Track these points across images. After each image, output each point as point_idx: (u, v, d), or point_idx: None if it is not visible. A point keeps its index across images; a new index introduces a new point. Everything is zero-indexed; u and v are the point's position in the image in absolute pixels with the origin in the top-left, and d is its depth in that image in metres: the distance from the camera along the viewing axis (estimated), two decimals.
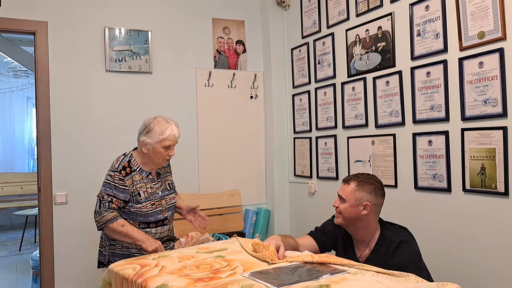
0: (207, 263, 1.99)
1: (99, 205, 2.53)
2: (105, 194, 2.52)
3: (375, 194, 2.19)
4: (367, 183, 2.20)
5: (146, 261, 2.11)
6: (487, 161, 2.40)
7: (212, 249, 2.26)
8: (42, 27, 3.43)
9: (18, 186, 8.09)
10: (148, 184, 2.60)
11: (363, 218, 2.18)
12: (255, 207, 4.20)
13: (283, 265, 1.91)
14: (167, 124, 2.56)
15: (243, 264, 1.94)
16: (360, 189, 2.18)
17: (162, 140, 2.53)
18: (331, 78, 3.60)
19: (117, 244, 2.60)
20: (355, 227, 2.22)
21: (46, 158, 3.43)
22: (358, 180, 2.21)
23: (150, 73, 3.79)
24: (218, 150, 4.09)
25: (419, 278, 1.69)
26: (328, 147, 3.65)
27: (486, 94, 2.40)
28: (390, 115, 3.04)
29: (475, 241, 2.50)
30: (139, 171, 2.58)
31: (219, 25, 4.12)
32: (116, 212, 2.50)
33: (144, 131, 2.56)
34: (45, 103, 3.44)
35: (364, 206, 2.17)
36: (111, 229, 2.50)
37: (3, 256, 6.23)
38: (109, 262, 2.60)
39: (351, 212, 2.18)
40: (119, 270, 2.05)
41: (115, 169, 2.54)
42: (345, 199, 2.21)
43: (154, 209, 2.59)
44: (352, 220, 2.20)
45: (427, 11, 2.75)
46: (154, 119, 2.59)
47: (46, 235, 3.42)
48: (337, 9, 3.52)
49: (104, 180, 2.56)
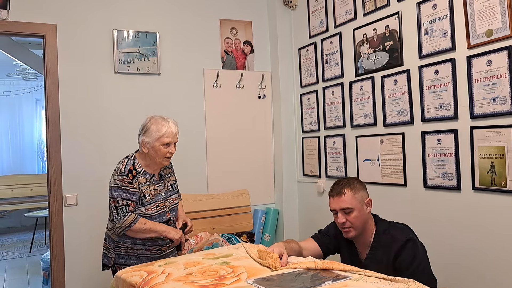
0: (212, 270, 2.02)
1: (116, 211, 2.50)
2: (119, 199, 2.51)
3: (365, 188, 2.23)
4: (354, 183, 2.21)
5: (152, 268, 2.14)
6: (497, 159, 2.39)
7: (218, 255, 2.29)
8: (51, 30, 3.46)
9: (28, 188, 8.16)
10: (152, 186, 2.61)
11: (368, 216, 2.20)
12: (264, 207, 4.21)
13: (286, 272, 1.94)
14: (163, 121, 2.58)
15: (248, 271, 1.97)
16: (356, 191, 2.18)
17: (160, 138, 2.54)
18: (339, 78, 3.60)
19: (122, 245, 2.61)
20: (365, 230, 2.20)
21: (56, 160, 3.45)
22: (347, 185, 2.19)
23: (158, 74, 3.81)
24: (227, 150, 4.10)
25: (420, 284, 1.70)
26: (337, 146, 3.65)
27: (494, 92, 2.40)
28: (399, 114, 3.04)
29: (485, 239, 2.49)
30: (143, 174, 2.59)
31: (226, 26, 4.14)
32: (134, 214, 2.51)
33: (142, 131, 2.59)
34: (55, 105, 3.47)
35: (367, 203, 2.19)
36: (134, 231, 2.51)
37: (14, 257, 6.28)
38: (114, 264, 2.62)
39: (362, 217, 2.17)
40: (126, 277, 2.08)
41: (122, 172, 2.54)
42: (351, 208, 2.15)
43: (158, 211, 2.61)
44: (363, 226, 2.18)
45: (434, 9, 2.74)
46: (151, 118, 2.61)
47: (57, 236, 3.45)
48: (344, 8, 3.52)
49: (111, 185, 2.56)
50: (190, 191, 3.74)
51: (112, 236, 2.63)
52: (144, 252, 2.62)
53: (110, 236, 2.66)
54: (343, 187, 2.18)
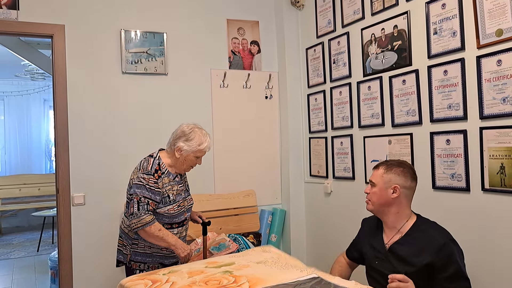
0: (215, 279, 2.04)
1: (137, 206, 2.53)
2: (141, 196, 2.54)
3: (404, 176, 2.16)
4: (395, 166, 2.19)
5: (157, 277, 2.16)
6: (507, 160, 2.37)
7: (220, 263, 2.32)
8: (60, 30, 3.47)
9: (35, 187, 8.21)
10: (175, 186, 2.67)
11: (393, 202, 2.16)
12: (270, 208, 4.20)
13: (286, 282, 1.95)
14: (205, 137, 2.69)
15: (249, 280, 1.99)
16: (388, 172, 2.18)
17: (198, 151, 2.66)
18: (347, 78, 3.59)
19: (139, 243, 2.64)
20: (386, 212, 2.20)
21: (64, 159, 3.47)
22: (387, 164, 2.22)
23: (165, 74, 3.81)
24: (233, 151, 4.10)
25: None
26: (344, 146, 3.63)
27: (504, 92, 2.37)
28: (407, 114, 3.02)
29: (494, 241, 2.47)
30: (167, 174, 2.64)
31: (233, 26, 4.13)
32: (153, 215, 2.54)
33: (183, 138, 2.65)
34: (63, 105, 3.48)
35: (394, 188, 2.15)
36: (148, 232, 2.53)
37: (22, 256, 6.32)
38: (130, 261, 2.66)
39: (380, 196, 2.18)
40: (130, 286, 2.10)
41: (148, 172, 2.58)
42: (375, 183, 2.20)
43: (179, 211, 2.67)
44: (382, 205, 2.19)
45: (443, 9, 2.73)
46: (193, 128, 2.70)
47: (65, 236, 3.46)
48: (352, 8, 3.50)
49: (135, 182, 2.58)
50: (197, 191, 3.73)
51: (129, 233, 2.66)
52: (160, 251, 2.67)
53: (127, 234, 2.68)
54: (382, 164, 2.23)
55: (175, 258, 2.74)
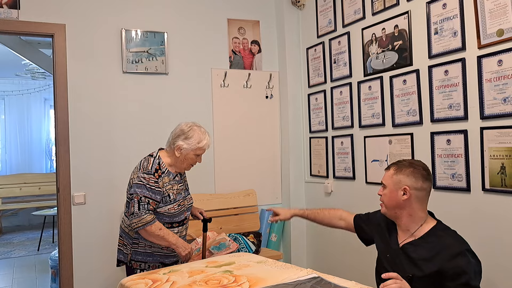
0: (215, 279, 2.05)
1: (137, 206, 2.53)
2: (142, 196, 2.54)
3: (414, 177, 2.05)
4: (406, 166, 2.09)
5: (157, 276, 2.16)
6: (507, 160, 2.37)
7: (221, 263, 2.33)
8: (60, 29, 3.47)
9: (36, 186, 8.21)
10: (175, 186, 2.67)
11: (404, 204, 2.06)
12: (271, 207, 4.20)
13: (286, 282, 1.95)
14: (204, 134, 2.70)
15: (249, 280, 2.00)
16: (398, 173, 2.08)
17: (198, 149, 2.66)
18: (347, 77, 3.58)
19: (140, 242, 2.65)
20: (398, 215, 2.11)
21: (65, 159, 3.47)
22: (397, 165, 2.13)
23: (166, 74, 3.81)
24: (234, 150, 4.10)
25: None
26: (345, 146, 3.63)
27: (505, 93, 2.37)
28: (408, 114, 3.02)
29: (495, 241, 2.47)
30: (167, 173, 2.65)
31: (234, 26, 4.13)
32: (153, 215, 2.55)
33: (182, 137, 2.65)
34: (63, 104, 3.48)
35: (404, 190, 2.05)
36: (148, 232, 2.53)
37: (22, 255, 6.32)
38: (131, 260, 2.66)
39: (390, 198, 2.09)
40: (131, 285, 2.11)
41: (149, 171, 2.58)
42: (385, 185, 2.13)
43: (179, 210, 2.67)
44: (393, 208, 2.10)
45: (444, 9, 2.73)
46: (192, 126, 2.70)
47: (65, 235, 3.46)
48: (352, 8, 3.50)
49: (135, 182, 2.58)
50: (197, 191, 3.73)
51: (129, 233, 2.66)
52: (161, 250, 2.68)
53: (127, 233, 2.69)
54: (393, 165, 2.15)
55: (175, 257, 2.74)
